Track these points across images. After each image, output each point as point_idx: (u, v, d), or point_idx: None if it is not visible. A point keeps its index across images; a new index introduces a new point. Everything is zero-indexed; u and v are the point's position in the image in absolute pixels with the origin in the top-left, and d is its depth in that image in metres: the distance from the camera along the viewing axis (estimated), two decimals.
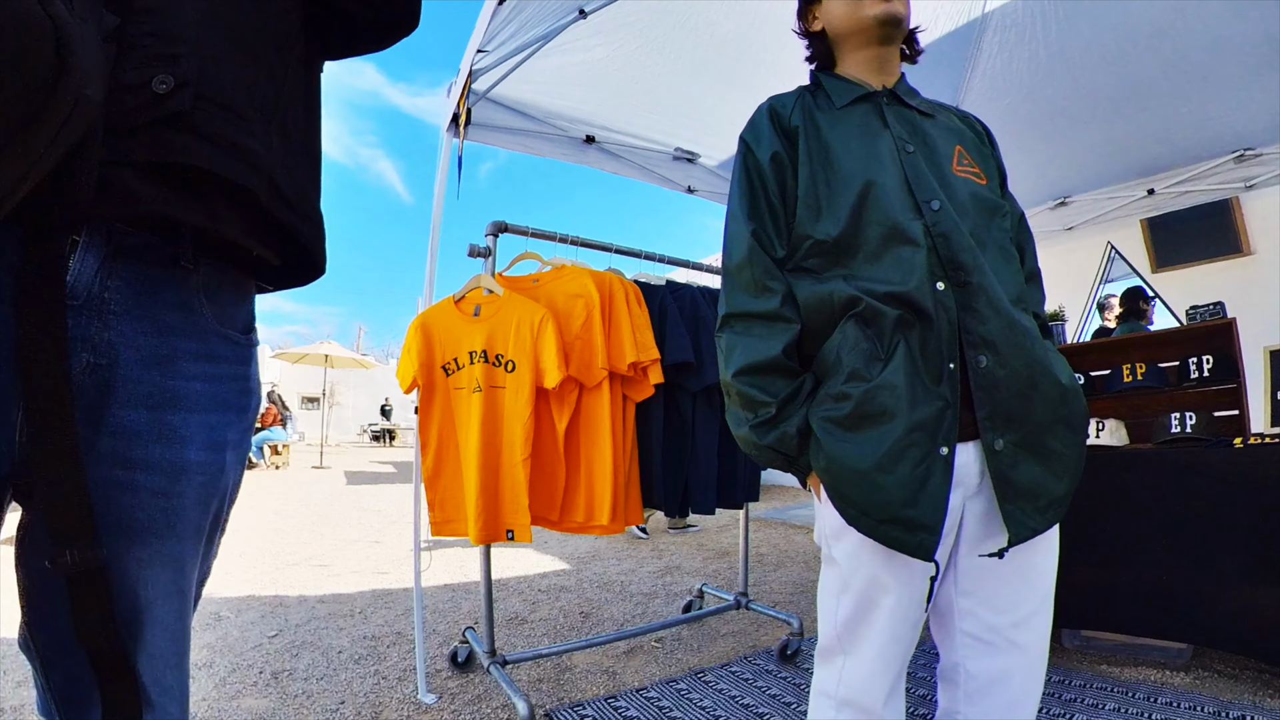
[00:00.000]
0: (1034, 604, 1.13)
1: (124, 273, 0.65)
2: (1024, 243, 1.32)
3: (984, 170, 1.25)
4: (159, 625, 0.71)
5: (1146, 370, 3.04)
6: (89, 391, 0.64)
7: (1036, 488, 1.06)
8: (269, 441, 13.21)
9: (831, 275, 1.13)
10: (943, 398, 1.03)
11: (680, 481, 2.69)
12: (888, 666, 1.09)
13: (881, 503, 1.00)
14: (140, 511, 0.69)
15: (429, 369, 2.41)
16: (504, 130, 3.04)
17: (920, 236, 1.08)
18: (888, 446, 1.00)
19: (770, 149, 1.21)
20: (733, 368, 1.12)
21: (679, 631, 3.12)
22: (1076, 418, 1.12)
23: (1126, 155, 3.99)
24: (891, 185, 1.13)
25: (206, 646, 2.94)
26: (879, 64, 1.29)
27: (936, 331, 1.04)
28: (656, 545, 5.41)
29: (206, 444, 0.75)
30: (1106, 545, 2.51)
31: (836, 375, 1.07)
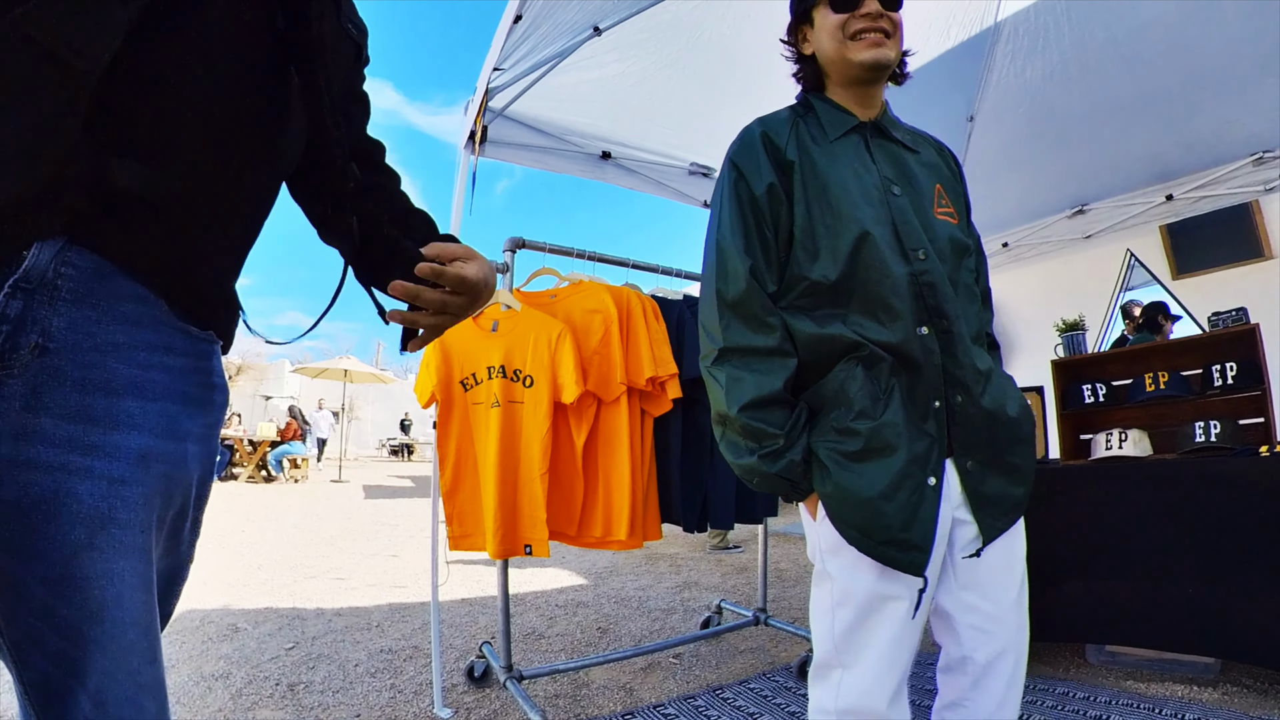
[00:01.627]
0: (1017, 586, 1.28)
1: (79, 261, 0.65)
2: (980, 267, 1.40)
3: (957, 209, 1.34)
4: (132, 619, 0.69)
5: (1169, 379, 2.99)
6: (37, 374, 0.63)
7: (1001, 496, 1.23)
8: (289, 455, 13.32)
9: (827, 316, 1.20)
10: (929, 434, 1.15)
11: (699, 496, 2.68)
12: (891, 672, 1.15)
13: (882, 526, 1.10)
14: (100, 500, 0.66)
15: (447, 384, 2.42)
16: (521, 147, 3.07)
17: (907, 286, 1.17)
18: (891, 477, 1.11)
19: (766, 180, 1.23)
20: (737, 403, 1.16)
21: (697, 648, 3.10)
22: (1027, 434, 1.28)
23: (1143, 161, 3.95)
24: (882, 231, 1.18)
25: (223, 658, 2.95)
26: (864, 98, 1.33)
27: (925, 377, 1.16)
28: (675, 561, 5.38)
29: (165, 432, 0.73)
30: (1130, 558, 2.47)
31: (844, 411, 1.15)
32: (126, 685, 0.69)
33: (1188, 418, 2.80)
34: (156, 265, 0.70)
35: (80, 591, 0.65)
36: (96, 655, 0.67)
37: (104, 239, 0.65)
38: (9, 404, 0.62)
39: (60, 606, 0.65)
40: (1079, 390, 3.22)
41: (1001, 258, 5.07)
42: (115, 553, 0.68)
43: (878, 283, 1.17)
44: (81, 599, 0.65)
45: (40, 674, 0.66)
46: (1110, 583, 2.49)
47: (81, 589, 0.65)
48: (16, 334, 0.61)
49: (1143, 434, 2.78)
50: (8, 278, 0.60)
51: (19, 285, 0.61)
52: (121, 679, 0.68)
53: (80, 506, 0.65)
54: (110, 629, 0.67)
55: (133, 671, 0.70)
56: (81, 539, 0.65)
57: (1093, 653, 2.70)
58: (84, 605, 0.65)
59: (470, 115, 2.66)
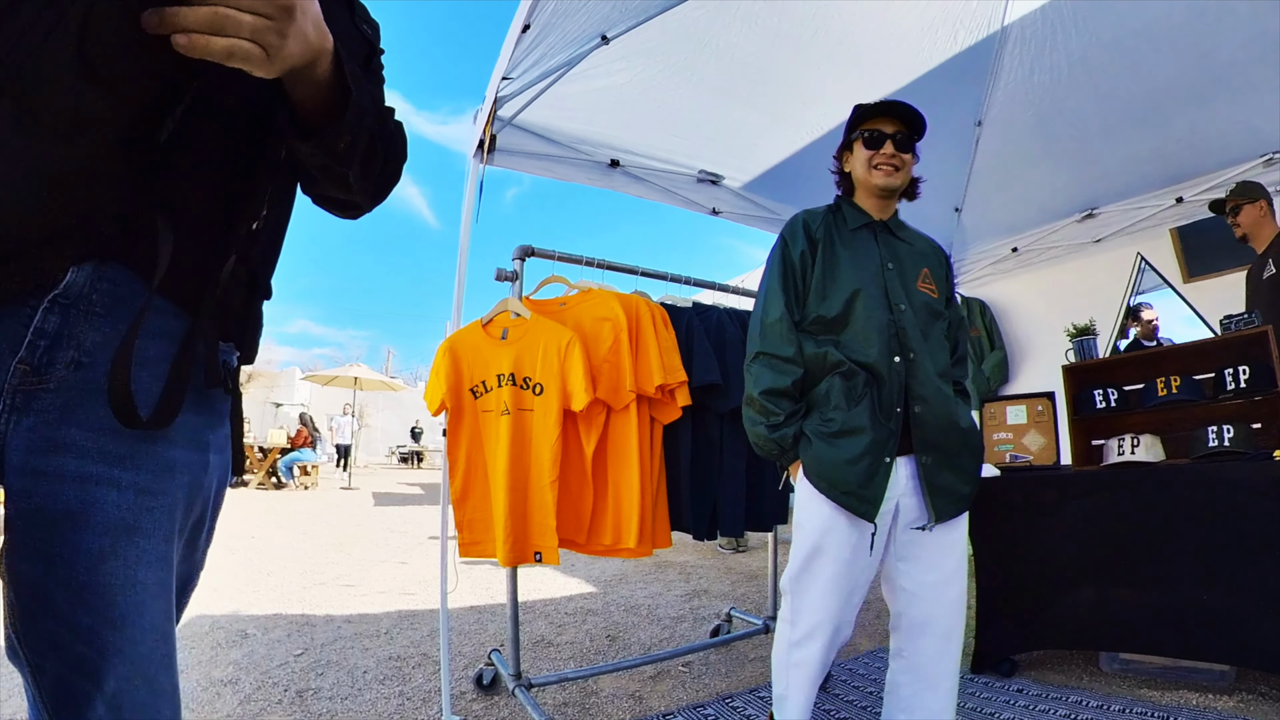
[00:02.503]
0: (951, 567, 1.75)
1: (113, 277, 0.67)
2: (959, 338, 1.96)
3: (939, 289, 1.91)
4: (151, 625, 0.71)
5: (1181, 383, 2.96)
6: (72, 386, 0.65)
7: (951, 489, 1.74)
8: (299, 462, 13.37)
9: (826, 341, 1.79)
10: (890, 429, 1.69)
11: (708, 503, 2.67)
12: (833, 594, 1.68)
13: (845, 481, 1.66)
14: (126, 510, 0.69)
15: (457, 392, 2.43)
16: (529, 155, 3.08)
17: (886, 326, 1.75)
18: (856, 452, 1.66)
19: (800, 248, 1.85)
20: (760, 388, 1.77)
21: (707, 656, 3.09)
22: (975, 447, 1.83)
23: (1153, 164, 3.92)
24: (874, 291, 1.78)
25: (232, 664, 2.96)
26: (880, 206, 1.94)
27: (890, 389, 1.70)
28: (684, 569, 5.37)
29: (189, 443, 0.76)
30: (1144, 564, 2.44)
31: (827, 406, 1.73)
32: (143, 691, 0.70)
33: (1200, 422, 2.77)
34: (184, 282, 0.71)
35: (102, 598, 0.66)
36: (115, 661, 0.68)
37: (134, 258, 0.67)
38: (43, 416, 0.64)
39: (81, 613, 0.66)
40: (1090, 395, 3.20)
41: (1011, 263, 5.05)
42: (138, 561, 0.69)
43: (863, 322, 1.75)
44: (103, 606, 0.67)
45: (57, 678, 0.67)
46: (1123, 590, 2.47)
47: (103, 596, 0.67)
48: (54, 349, 0.64)
49: (1155, 439, 2.76)
50: (48, 293, 0.63)
51: (57, 300, 0.63)
52: (139, 685, 0.70)
53: (106, 516, 0.67)
54: (130, 635, 0.69)
55: (150, 678, 0.71)
56: (106, 547, 0.67)
57: (1106, 661, 2.67)
58: (105, 612, 0.67)
59: (479, 124, 2.67)
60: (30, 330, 0.63)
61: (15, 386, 0.63)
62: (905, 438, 1.70)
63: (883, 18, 3.01)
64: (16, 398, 0.63)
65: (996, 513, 2.79)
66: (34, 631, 0.66)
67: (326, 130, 0.75)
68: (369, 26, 0.95)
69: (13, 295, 0.61)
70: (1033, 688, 2.51)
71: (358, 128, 0.77)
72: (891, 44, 3.18)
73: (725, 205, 3.79)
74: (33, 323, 0.63)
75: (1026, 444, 2.98)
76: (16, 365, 0.62)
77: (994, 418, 3.13)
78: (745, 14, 2.85)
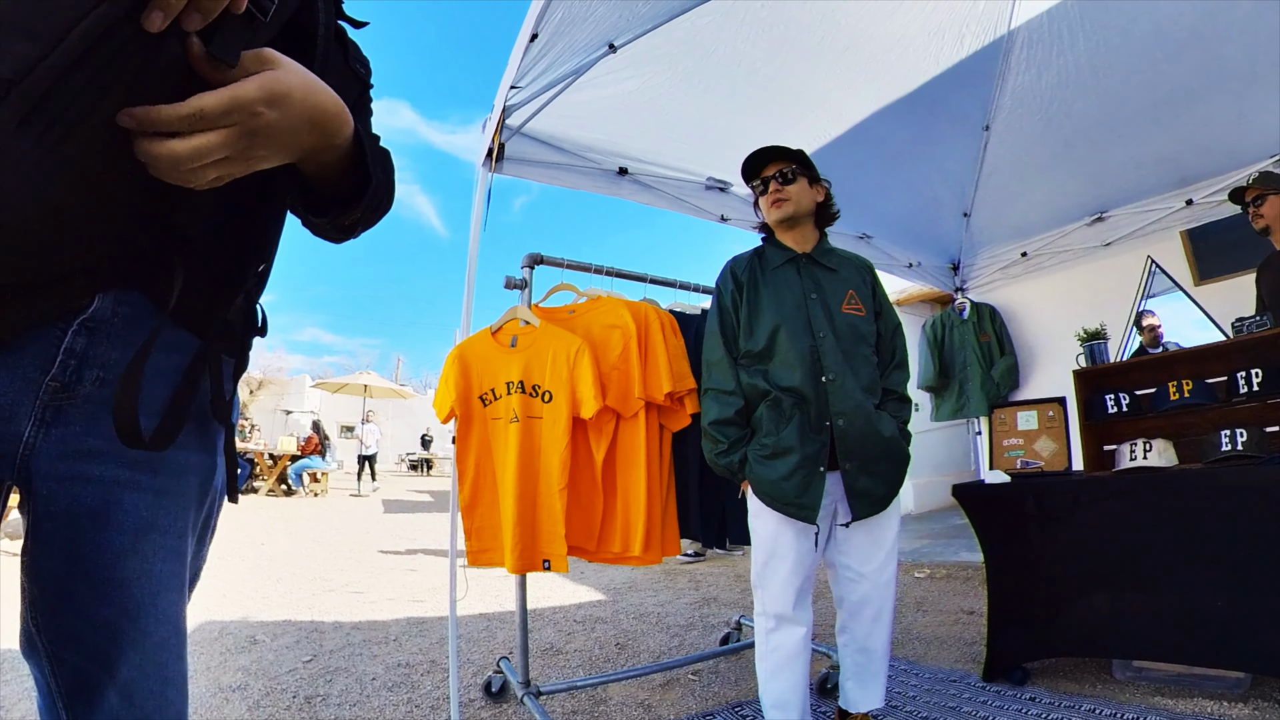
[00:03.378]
0: (882, 556, 2.05)
1: (131, 301, 0.72)
2: (896, 345, 2.19)
3: (865, 306, 2.13)
4: (164, 615, 0.76)
5: (1193, 387, 2.94)
6: (96, 401, 0.70)
7: (869, 491, 1.99)
8: (308, 469, 13.41)
9: (756, 371, 2.07)
10: (821, 442, 1.96)
11: (717, 511, 2.67)
12: (789, 587, 1.96)
13: (782, 494, 1.94)
14: (145, 509, 0.74)
15: (466, 399, 2.43)
16: (538, 164, 3.09)
17: (808, 353, 2.00)
18: (787, 469, 1.94)
19: (730, 294, 2.16)
20: (708, 419, 2.10)
21: (716, 664, 3.08)
22: (895, 455, 2.04)
23: (1162, 166, 3.91)
24: (796, 322, 2.04)
25: (241, 669, 2.97)
26: (797, 238, 2.19)
27: (816, 408, 1.97)
28: (694, 576, 5.36)
29: (200, 446, 0.82)
30: (1157, 570, 2.42)
31: (761, 433, 2.02)
32: (155, 679, 0.75)
33: (1213, 426, 2.75)
34: (189, 301, 0.76)
35: (120, 591, 0.72)
36: (130, 651, 0.73)
37: (148, 284, 0.73)
38: (69, 428, 0.69)
39: (101, 607, 0.71)
40: (1102, 400, 3.17)
41: (1020, 267, 5.03)
42: (155, 556, 0.75)
43: (786, 352, 2.02)
44: (121, 598, 0.72)
45: (74, 669, 0.72)
46: (1136, 596, 2.44)
47: (121, 589, 0.72)
48: (81, 368, 0.69)
49: (1168, 444, 2.73)
50: (75, 318, 0.68)
51: (85, 324, 0.69)
52: (151, 673, 0.75)
53: (127, 515, 0.73)
54: (145, 625, 0.74)
55: (161, 665, 0.76)
56: (126, 544, 0.72)
57: (1119, 668, 2.64)
58: (123, 604, 0.72)
59: (488, 133, 2.69)
60: (61, 351, 0.68)
61: (46, 402, 0.68)
62: (834, 449, 1.97)
63: (889, 23, 3.02)
64: (47, 412, 0.68)
65: (1008, 520, 2.78)
66: (55, 625, 0.71)
67: (341, 210, 0.82)
68: (361, 66, 1.00)
69: (45, 320, 0.66)
70: (1045, 696, 2.48)
71: (371, 199, 0.84)
72: (899, 49, 3.18)
73: (734, 212, 3.79)
74: (63, 344, 0.68)
75: (1038, 450, 2.96)
76: (48, 383, 0.67)
77: (1004, 424, 3.11)
78: (751, 21, 2.86)
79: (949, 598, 4.19)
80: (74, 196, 0.54)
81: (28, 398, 0.66)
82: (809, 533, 1.96)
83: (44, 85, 0.49)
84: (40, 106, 0.49)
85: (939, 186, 4.36)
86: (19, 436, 0.67)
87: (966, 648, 3.14)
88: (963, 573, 4.85)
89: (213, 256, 0.80)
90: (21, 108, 0.49)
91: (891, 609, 2.08)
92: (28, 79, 0.49)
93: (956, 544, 5.78)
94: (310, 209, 0.84)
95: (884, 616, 2.07)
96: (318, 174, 0.79)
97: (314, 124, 0.70)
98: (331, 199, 0.83)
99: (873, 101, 3.51)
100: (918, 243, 4.90)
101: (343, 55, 0.94)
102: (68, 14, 0.51)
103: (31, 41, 0.49)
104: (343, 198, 0.83)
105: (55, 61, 0.50)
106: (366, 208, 0.85)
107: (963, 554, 5.34)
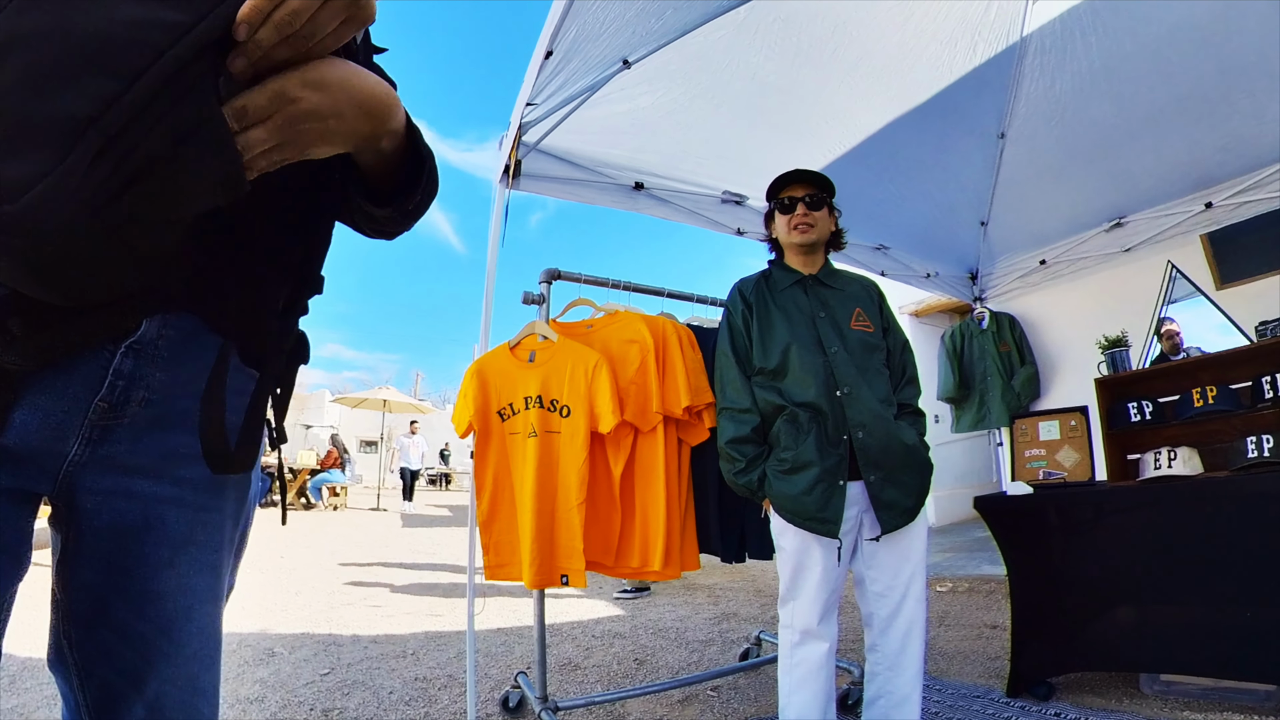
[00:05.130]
0: (910, 570, 2.01)
1: (178, 323, 0.74)
2: (905, 361, 2.21)
3: (873, 322, 2.15)
4: (198, 628, 0.78)
5: (1217, 393, 2.89)
6: (141, 421, 0.73)
7: (895, 502, 1.97)
8: (327, 483, 13.50)
9: (771, 388, 2.07)
10: (839, 455, 1.95)
11: (737, 526, 2.65)
12: (817, 603, 1.95)
13: (804, 510, 1.93)
14: (185, 524, 0.77)
15: (485, 414, 2.44)
16: (554, 180, 3.10)
17: (821, 368, 2.01)
18: (808, 483, 1.93)
19: (740, 315, 2.18)
20: (725, 439, 2.09)
21: (736, 680, 3.05)
22: (918, 463, 2.04)
23: (1181, 169, 3.86)
24: (807, 339, 2.06)
25: (259, 681, 2.99)
26: (806, 261, 2.22)
27: (833, 420, 1.97)
28: (713, 591, 5.32)
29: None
30: (1184, 582, 2.37)
31: (779, 448, 2.02)
32: (186, 691, 0.77)
33: (1238, 433, 2.71)
34: (234, 321, 0.79)
35: (156, 605, 0.74)
36: (161, 665, 0.74)
37: (196, 305, 0.75)
38: (116, 446, 0.72)
39: (136, 621, 0.73)
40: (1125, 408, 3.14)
41: (1039, 275, 4.99)
42: (191, 569, 0.77)
43: (799, 368, 2.03)
44: (156, 612, 0.74)
45: (103, 682, 0.73)
46: (1163, 608, 2.40)
47: (157, 603, 0.74)
48: (129, 389, 0.71)
49: (1192, 451, 2.69)
50: (123, 340, 0.70)
51: (132, 347, 0.71)
52: (182, 684, 0.77)
53: (167, 530, 0.75)
54: (177, 638, 0.76)
55: (193, 678, 0.78)
56: (165, 558, 0.75)
57: (1147, 682, 2.59)
58: (157, 618, 0.74)
59: (505, 150, 2.71)
60: (110, 372, 0.70)
61: (94, 421, 0.70)
62: (855, 461, 1.96)
63: (901, 33, 3.01)
64: (94, 431, 0.70)
65: (1031, 532, 2.74)
66: (90, 639, 0.73)
67: (402, 195, 0.84)
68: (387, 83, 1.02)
69: (95, 342, 0.68)
70: (1071, 711, 2.44)
71: (427, 180, 0.86)
72: (911, 59, 3.17)
73: (750, 225, 3.79)
74: (111, 365, 0.70)
75: (1060, 460, 2.92)
76: (97, 403, 0.69)
77: (1026, 434, 3.08)
78: (764, 34, 2.87)
79: (971, 612, 4.14)
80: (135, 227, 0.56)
81: (76, 417, 0.69)
82: (833, 547, 1.94)
83: (119, 122, 0.51)
84: (113, 142, 0.51)
85: (955, 195, 4.33)
86: (64, 455, 0.69)
87: (990, 663, 3.09)
88: (985, 586, 4.79)
89: (264, 282, 0.83)
90: (97, 143, 0.50)
91: (923, 624, 2.03)
92: (105, 115, 0.50)
93: (979, 557, 5.71)
94: (373, 200, 0.85)
95: (915, 632, 2.02)
96: (378, 164, 0.80)
97: (364, 109, 0.70)
98: (394, 187, 0.85)
99: (887, 112, 3.50)
100: (935, 252, 4.87)
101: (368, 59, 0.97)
102: (147, 53, 0.52)
103: (110, 79, 0.51)
104: (404, 183, 0.85)
105: (132, 99, 0.51)
106: (425, 190, 0.87)
107: (985, 567, 5.27)
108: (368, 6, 0.64)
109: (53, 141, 0.49)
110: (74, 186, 0.50)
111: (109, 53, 0.52)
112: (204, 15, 0.55)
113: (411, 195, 0.85)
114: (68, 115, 0.50)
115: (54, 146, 0.49)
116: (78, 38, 0.51)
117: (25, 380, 0.65)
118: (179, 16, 0.54)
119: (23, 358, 0.62)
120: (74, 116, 0.50)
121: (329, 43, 0.63)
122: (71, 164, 0.49)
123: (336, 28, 0.63)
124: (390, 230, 0.95)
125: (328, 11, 0.60)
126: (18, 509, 0.67)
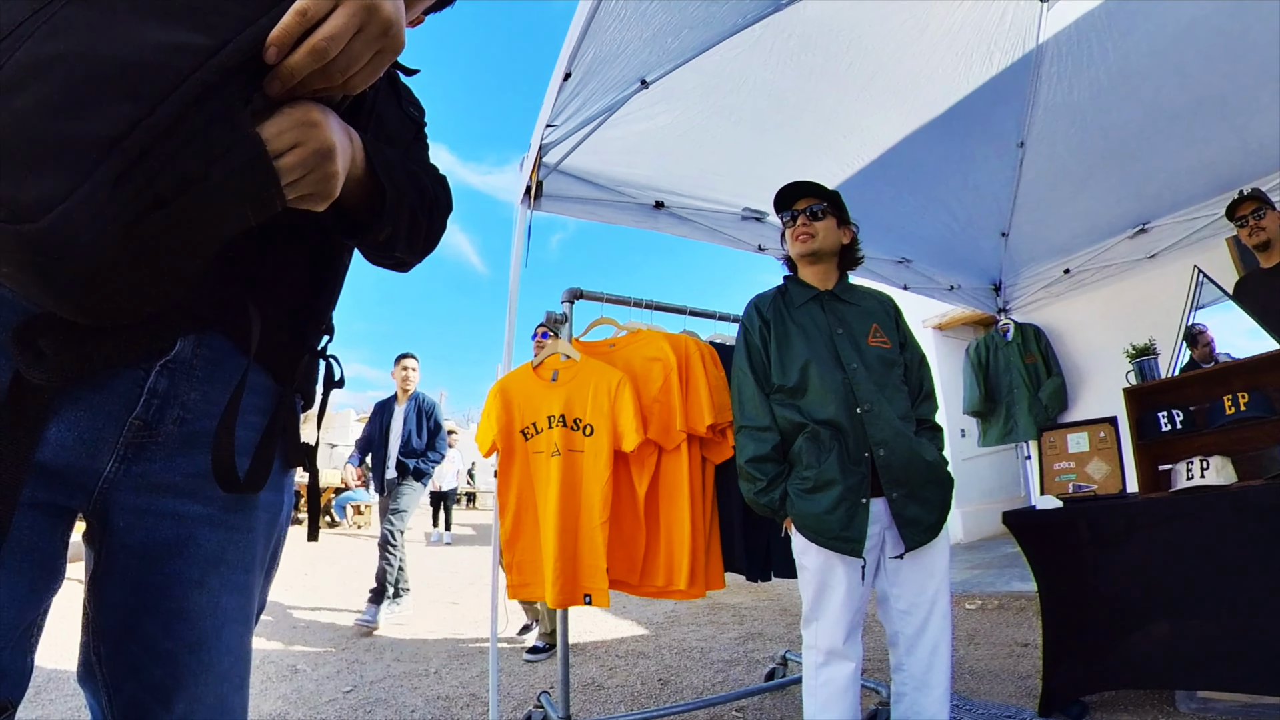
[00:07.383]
0: (935, 586, 2.00)
1: (213, 344, 0.76)
2: (923, 376, 2.20)
3: (890, 338, 2.14)
4: (227, 647, 0.79)
5: (1249, 399, 2.82)
6: (174, 440, 0.74)
7: (918, 519, 1.96)
8: (352, 502, 13.58)
9: (791, 405, 2.06)
10: (861, 473, 1.94)
11: (762, 544, 2.63)
12: (841, 622, 1.93)
13: (827, 529, 1.92)
14: (216, 544, 0.77)
15: (508, 433, 2.46)
16: (575, 200, 3.13)
17: (840, 385, 2.01)
18: (831, 501, 1.92)
19: (758, 332, 2.17)
20: (744, 457, 2.08)
21: (761, 700, 3.01)
22: (940, 479, 2.03)
23: (1203, 172, 3.80)
24: (825, 356, 2.06)
25: (281, 698, 3.00)
26: (819, 275, 2.22)
27: (854, 438, 1.97)
28: (738, 611, 5.28)
29: (271, 484, 0.83)
30: (1220, 595, 2.31)
31: (801, 466, 2.01)
32: (214, 710, 0.77)
33: (1272, 439, 2.64)
34: (265, 343, 0.80)
35: (186, 624, 0.74)
36: (189, 683, 0.75)
37: (228, 327, 0.77)
38: (149, 464, 0.72)
39: (165, 640, 0.73)
40: (1155, 418, 3.07)
41: (1064, 285, 4.93)
42: (222, 589, 0.78)
43: (819, 385, 2.02)
44: (185, 631, 0.74)
45: (131, 699, 0.74)
46: (1200, 623, 2.34)
47: (187, 622, 0.74)
48: (164, 407, 0.72)
49: (1225, 460, 2.62)
50: (158, 359, 0.71)
51: (167, 366, 0.72)
52: (210, 704, 0.77)
53: (199, 549, 0.75)
54: (206, 657, 0.76)
55: (221, 698, 0.78)
56: (196, 577, 0.75)
57: (1183, 700, 2.53)
58: (186, 637, 0.74)
59: (525, 171, 2.74)
60: (145, 390, 0.71)
61: (129, 439, 0.71)
62: (877, 478, 1.95)
63: (916, 45, 3.01)
64: (129, 449, 0.71)
65: (1061, 547, 2.69)
66: (119, 655, 0.73)
67: (370, 226, 0.83)
68: (414, 108, 1.05)
69: (131, 361, 0.69)
70: None
71: (397, 215, 0.84)
72: (928, 71, 3.17)
73: (770, 242, 3.79)
74: (146, 384, 0.71)
75: (1090, 473, 2.87)
76: (133, 421, 0.70)
77: (1054, 446, 3.03)
78: (780, 51, 2.88)
79: (1001, 629, 4.06)
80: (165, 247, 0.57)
81: (112, 434, 0.69)
82: (857, 566, 1.93)
83: (143, 144, 0.52)
84: (137, 164, 0.52)
85: (976, 207, 4.31)
86: (99, 471, 0.70)
87: (1021, 681, 3.03)
88: (1015, 603, 4.70)
89: (289, 304, 0.85)
90: (120, 164, 0.51)
91: (949, 642, 2.01)
92: (128, 137, 0.51)
93: (1008, 573, 5.60)
94: (346, 233, 0.86)
95: (941, 649, 2.00)
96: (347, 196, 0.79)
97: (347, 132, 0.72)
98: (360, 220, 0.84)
99: (905, 125, 3.49)
100: (958, 265, 4.84)
101: (396, 100, 0.99)
102: (170, 77, 0.53)
103: (133, 102, 0.52)
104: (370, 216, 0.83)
105: (154, 122, 0.52)
106: (395, 221, 0.84)
107: (1015, 583, 5.17)
108: (398, 36, 0.65)
109: (75, 162, 0.50)
110: (98, 206, 0.50)
111: (132, 77, 0.53)
112: (228, 39, 0.57)
113: (378, 228, 0.83)
114: (90, 137, 0.50)
115: (77, 167, 0.50)
116: (101, 63, 0.52)
117: (60, 397, 0.65)
118: (203, 40, 0.56)
119: (52, 375, 0.62)
120: (97, 138, 0.50)
121: (365, 75, 0.65)
122: (94, 184, 0.50)
123: (371, 59, 0.64)
124: (389, 262, 0.95)
125: (361, 42, 0.61)
126: (53, 523, 0.68)
